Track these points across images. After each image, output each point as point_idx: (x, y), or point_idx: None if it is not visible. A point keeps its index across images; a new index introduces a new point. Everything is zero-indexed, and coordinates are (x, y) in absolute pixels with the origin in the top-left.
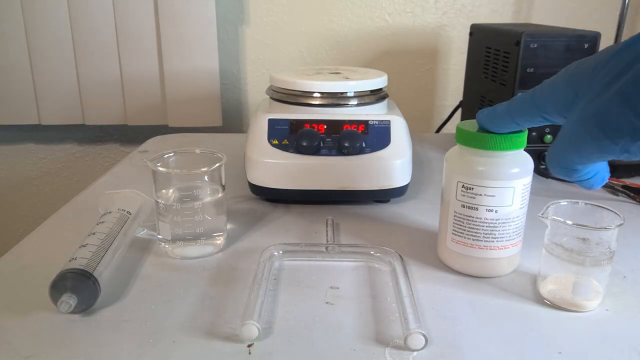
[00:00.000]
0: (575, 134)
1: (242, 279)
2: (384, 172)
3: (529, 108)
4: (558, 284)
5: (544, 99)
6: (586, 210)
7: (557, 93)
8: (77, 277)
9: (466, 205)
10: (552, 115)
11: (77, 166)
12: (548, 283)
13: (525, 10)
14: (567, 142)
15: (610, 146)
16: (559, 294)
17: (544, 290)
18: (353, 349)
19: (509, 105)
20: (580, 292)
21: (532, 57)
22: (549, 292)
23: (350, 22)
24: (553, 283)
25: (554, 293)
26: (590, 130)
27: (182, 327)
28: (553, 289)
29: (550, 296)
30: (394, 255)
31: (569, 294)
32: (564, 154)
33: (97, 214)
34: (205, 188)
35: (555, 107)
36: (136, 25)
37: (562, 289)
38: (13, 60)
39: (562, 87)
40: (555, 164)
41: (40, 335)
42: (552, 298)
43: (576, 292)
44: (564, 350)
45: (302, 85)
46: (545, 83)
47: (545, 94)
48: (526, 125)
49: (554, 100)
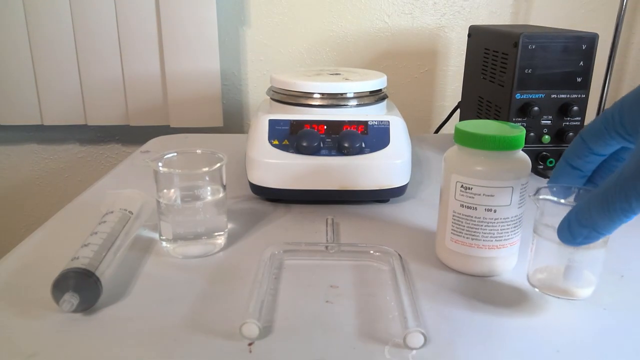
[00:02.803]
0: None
1: (243, 278)
2: (383, 172)
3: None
4: (548, 272)
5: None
6: (579, 195)
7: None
8: (79, 276)
9: (465, 205)
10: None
11: (79, 166)
12: (538, 271)
13: (523, 12)
14: (616, 193)
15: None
16: (549, 281)
17: (533, 279)
18: (353, 347)
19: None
20: (572, 278)
21: (530, 58)
22: (539, 280)
23: (350, 24)
24: (543, 271)
25: (544, 281)
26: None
27: (183, 325)
28: (543, 277)
29: (540, 284)
30: (393, 255)
31: (560, 280)
32: (607, 204)
33: (99, 213)
34: (206, 188)
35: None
36: (138, 26)
37: (553, 277)
38: (15, 61)
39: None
40: (586, 220)
41: (43, 334)
42: (542, 285)
43: (567, 276)
44: (562, 349)
45: (302, 86)
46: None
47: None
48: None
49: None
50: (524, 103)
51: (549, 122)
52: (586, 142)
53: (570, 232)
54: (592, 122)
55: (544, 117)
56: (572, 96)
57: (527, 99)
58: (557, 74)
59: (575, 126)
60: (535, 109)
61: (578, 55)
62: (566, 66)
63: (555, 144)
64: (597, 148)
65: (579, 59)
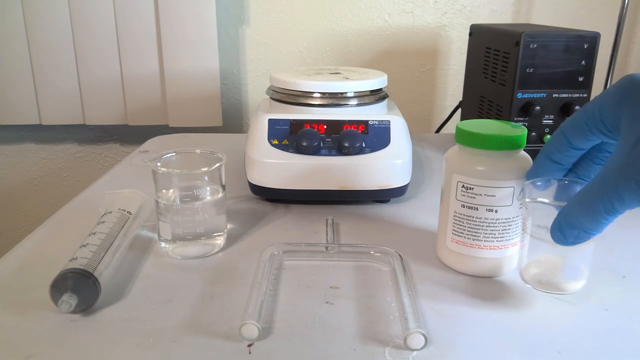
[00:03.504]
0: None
1: (242, 278)
2: (383, 172)
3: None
4: (541, 267)
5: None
6: (563, 187)
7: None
8: (77, 276)
9: (466, 205)
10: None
11: (77, 166)
12: (530, 266)
13: (524, 11)
14: (604, 190)
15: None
16: (545, 277)
17: (526, 275)
18: (353, 348)
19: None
20: (570, 276)
21: (531, 57)
22: (532, 277)
23: (350, 23)
24: (536, 266)
25: (539, 276)
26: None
27: (182, 326)
28: (537, 273)
29: (533, 280)
30: (394, 255)
31: (557, 278)
32: (590, 206)
33: (97, 213)
34: (206, 188)
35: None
36: (137, 25)
37: (547, 272)
38: (14, 61)
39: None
40: (574, 222)
41: (41, 335)
42: (536, 282)
43: (566, 276)
44: (564, 349)
45: (302, 85)
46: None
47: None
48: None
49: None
50: (526, 102)
51: (550, 121)
52: (567, 137)
53: (562, 233)
54: (573, 116)
55: (545, 117)
56: (574, 95)
57: (529, 98)
58: (558, 73)
59: None
60: (536, 109)
61: (580, 55)
62: (568, 65)
63: None
64: (578, 143)
65: (581, 58)
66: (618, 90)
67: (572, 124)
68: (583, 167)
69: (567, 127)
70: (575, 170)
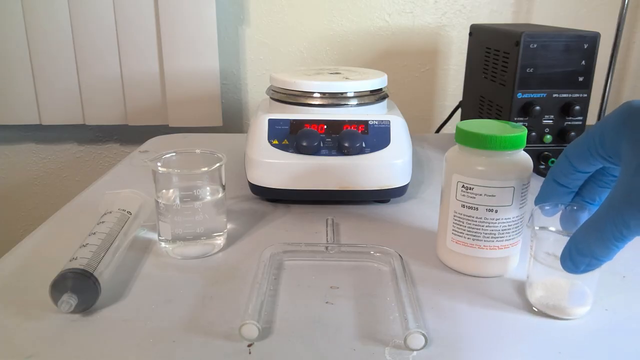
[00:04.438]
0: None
1: (242, 278)
2: (383, 172)
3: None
4: (547, 290)
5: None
6: (571, 211)
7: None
8: (77, 277)
9: (466, 205)
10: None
11: (77, 166)
12: (536, 289)
13: (524, 11)
14: (613, 216)
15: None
16: (551, 301)
17: (532, 298)
18: (353, 348)
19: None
20: (576, 301)
21: (531, 57)
22: (538, 299)
23: (350, 23)
24: (542, 289)
25: (545, 299)
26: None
27: (182, 326)
28: (543, 296)
29: (539, 303)
30: (394, 255)
31: (564, 302)
32: (600, 234)
33: (97, 214)
34: (206, 188)
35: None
36: (136, 25)
37: (553, 295)
38: (14, 61)
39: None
40: (584, 249)
41: (41, 335)
42: (543, 305)
43: (572, 301)
44: (564, 349)
45: (302, 85)
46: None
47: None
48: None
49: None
50: (526, 102)
51: (550, 121)
52: (571, 161)
53: (572, 261)
54: (576, 140)
55: (545, 117)
56: (574, 95)
57: (529, 98)
58: (558, 73)
59: (577, 126)
60: (536, 109)
61: (580, 55)
62: (568, 65)
63: (557, 144)
64: (581, 167)
65: (581, 58)
66: (617, 117)
67: (574, 149)
68: (588, 191)
69: (570, 151)
70: (581, 194)
